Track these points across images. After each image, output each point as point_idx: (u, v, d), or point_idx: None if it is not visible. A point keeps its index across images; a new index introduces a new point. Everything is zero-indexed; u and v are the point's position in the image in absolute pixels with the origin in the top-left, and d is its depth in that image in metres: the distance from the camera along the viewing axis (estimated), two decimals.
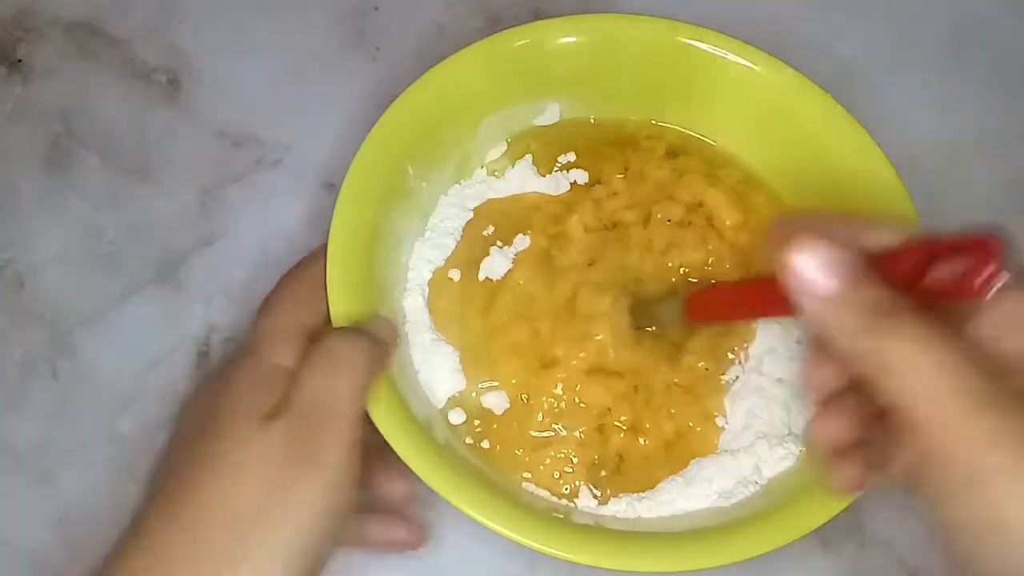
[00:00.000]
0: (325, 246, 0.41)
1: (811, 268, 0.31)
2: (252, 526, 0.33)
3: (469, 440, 0.43)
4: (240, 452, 0.34)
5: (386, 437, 0.38)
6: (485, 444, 0.43)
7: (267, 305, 0.40)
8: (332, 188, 0.51)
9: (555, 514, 0.41)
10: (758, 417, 0.44)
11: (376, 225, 0.43)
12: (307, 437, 0.35)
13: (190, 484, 0.34)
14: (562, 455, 0.42)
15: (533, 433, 0.43)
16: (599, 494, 0.42)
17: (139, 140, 0.52)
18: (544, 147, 0.48)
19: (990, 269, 0.30)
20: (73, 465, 0.46)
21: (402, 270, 0.45)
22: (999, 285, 0.30)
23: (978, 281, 0.30)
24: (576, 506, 0.42)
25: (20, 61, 0.53)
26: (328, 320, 0.40)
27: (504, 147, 0.48)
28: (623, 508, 0.42)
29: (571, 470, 0.42)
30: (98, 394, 0.48)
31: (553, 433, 0.43)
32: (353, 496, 0.36)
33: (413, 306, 0.44)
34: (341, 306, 0.40)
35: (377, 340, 0.38)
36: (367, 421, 0.37)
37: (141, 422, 0.47)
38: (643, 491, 0.42)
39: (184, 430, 0.37)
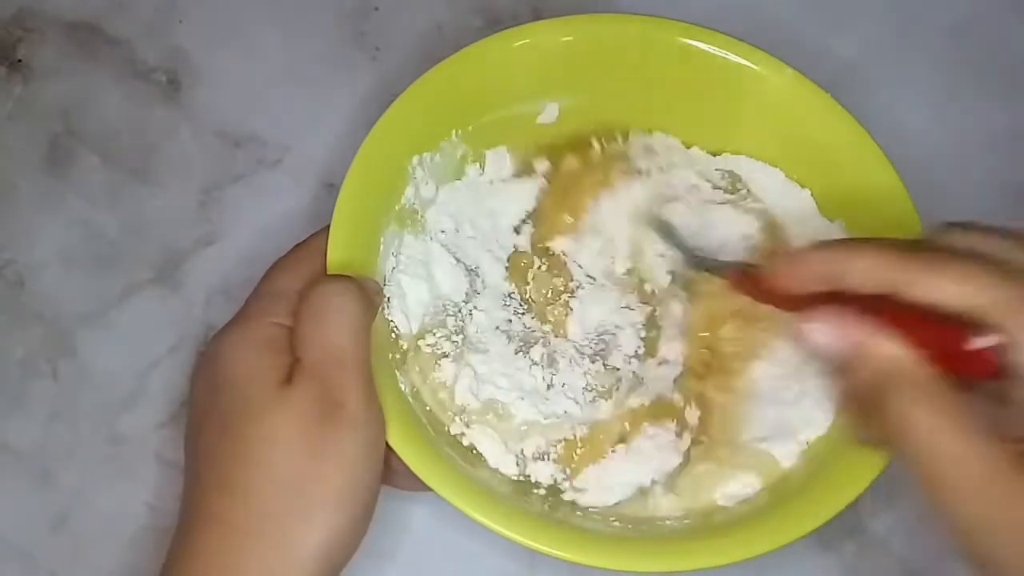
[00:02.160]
0: (328, 227, 0.41)
1: (822, 336, 0.34)
2: (304, 488, 0.35)
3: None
4: (270, 425, 0.35)
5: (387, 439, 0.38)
6: None
7: (267, 272, 0.41)
8: (332, 188, 0.51)
9: (558, 510, 0.41)
10: (758, 419, 0.44)
11: (376, 224, 0.43)
12: (327, 393, 0.36)
13: (234, 464, 0.35)
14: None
15: None
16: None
17: (139, 140, 0.52)
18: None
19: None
20: (73, 465, 0.46)
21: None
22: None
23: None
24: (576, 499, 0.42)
25: (20, 61, 0.53)
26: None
27: (504, 148, 0.48)
28: (627, 500, 0.42)
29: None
30: (98, 394, 0.48)
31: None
32: (383, 434, 0.37)
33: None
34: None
35: (360, 283, 0.39)
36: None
37: (141, 422, 0.47)
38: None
39: (202, 404, 0.38)
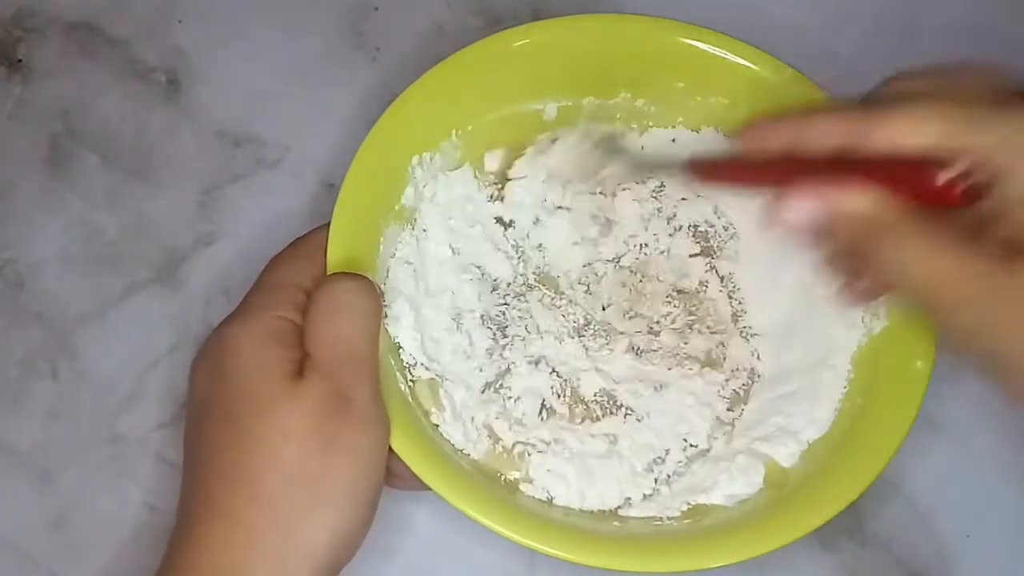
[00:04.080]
0: (328, 224, 0.41)
1: (799, 211, 0.35)
2: (313, 482, 0.35)
3: None
4: (281, 418, 0.35)
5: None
6: None
7: (267, 265, 0.41)
8: (332, 188, 0.51)
9: (557, 513, 0.41)
10: (758, 418, 0.44)
11: (376, 224, 0.43)
12: (338, 390, 0.36)
13: (242, 456, 0.35)
14: None
15: None
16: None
17: (139, 140, 0.52)
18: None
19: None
20: (73, 465, 0.46)
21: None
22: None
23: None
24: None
25: (20, 61, 0.53)
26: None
27: (503, 148, 0.48)
28: (632, 506, 0.42)
29: None
30: (98, 394, 0.48)
31: None
32: (388, 432, 0.37)
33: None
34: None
35: (371, 282, 0.39)
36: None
37: (141, 422, 0.47)
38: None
39: (204, 395, 0.37)
